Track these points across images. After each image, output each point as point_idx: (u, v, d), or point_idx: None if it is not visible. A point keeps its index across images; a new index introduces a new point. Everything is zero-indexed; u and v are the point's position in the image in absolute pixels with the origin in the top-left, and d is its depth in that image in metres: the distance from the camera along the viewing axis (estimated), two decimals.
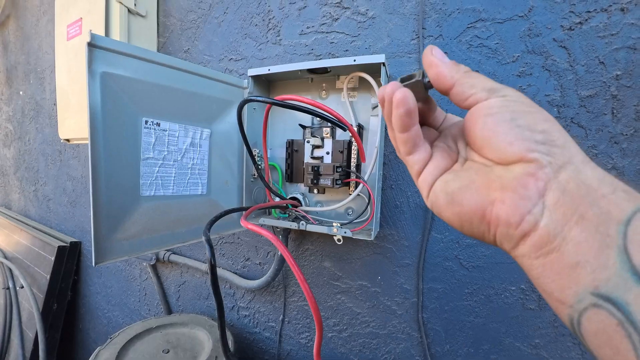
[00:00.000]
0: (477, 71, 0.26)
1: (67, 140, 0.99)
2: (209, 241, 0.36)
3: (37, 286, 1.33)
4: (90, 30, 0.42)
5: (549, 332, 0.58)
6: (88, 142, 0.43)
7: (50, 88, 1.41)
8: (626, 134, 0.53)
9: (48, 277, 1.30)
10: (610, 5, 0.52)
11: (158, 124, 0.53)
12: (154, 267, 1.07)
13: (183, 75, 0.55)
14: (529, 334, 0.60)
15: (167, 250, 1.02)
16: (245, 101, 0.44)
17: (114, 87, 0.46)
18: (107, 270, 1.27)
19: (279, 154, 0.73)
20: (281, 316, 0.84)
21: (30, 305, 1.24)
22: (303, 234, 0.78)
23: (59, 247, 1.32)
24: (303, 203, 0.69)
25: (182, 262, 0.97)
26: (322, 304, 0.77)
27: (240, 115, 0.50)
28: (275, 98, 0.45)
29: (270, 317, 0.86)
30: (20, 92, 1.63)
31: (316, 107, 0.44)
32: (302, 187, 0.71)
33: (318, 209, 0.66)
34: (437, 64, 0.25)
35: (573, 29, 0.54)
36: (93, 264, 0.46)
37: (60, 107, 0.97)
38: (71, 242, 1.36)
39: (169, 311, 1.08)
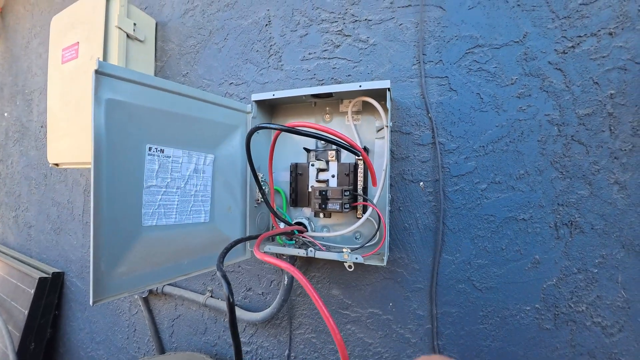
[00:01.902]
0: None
1: (56, 164, 0.96)
2: (225, 277, 0.34)
3: (14, 323, 1.23)
4: (98, 58, 0.42)
5: (567, 352, 0.57)
6: (91, 170, 0.42)
7: (39, 110, 1.38)
8: (625, 149, 0.55)
9: (26, 312, 1.21)
10: (599, 30, 0.56)
11: (162, 151, 0.52)
12: (146, 300, 1.02)
13: (187, 100, 0.55)
14: (547, 356, 0.58)
15: None
16: (257, 128, 0.44)
17: (119, 114, 0.45)
18: None
19: (282, 178, 0.72)
20: (287, 351, 0.80)
21: (4, 345, 1.14)
22: (309, 261, 0.76)
23: (39, 278, 1.24)
24: (309, 228, 0.68)
25: (177, 293, 0.93)
26: (331, 336, 0.74)
27: (249, 142, 0.49)
28: (285, 124, 0.45)
29: (275, 352, 0.82)
30: (5, 114, 1.60)
31: (328, 133, 0.44)
32: (306, 211, 0.70)
33: (325, 234, 0.64)
34: None
35: (566, 52, 0.57)
36: (91, 303, 0.42)
37: (51, 130, 0.94)
38: (53, 273, 1.29)
39: (162, 349, 1.01)
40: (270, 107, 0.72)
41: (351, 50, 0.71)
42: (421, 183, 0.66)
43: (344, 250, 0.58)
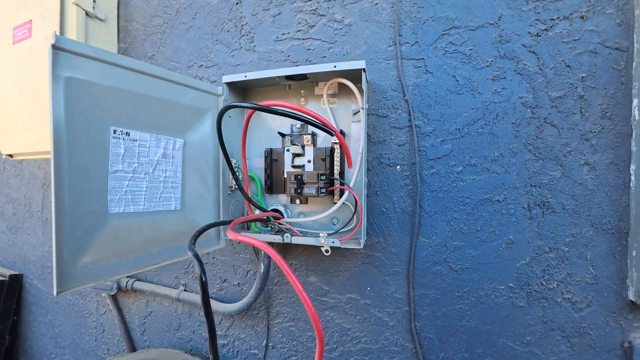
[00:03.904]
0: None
1: (10, 155, 0.94)
2: (196, 256, 0.36)
3: None
4: (55, 32, 0.42)
5: (539, 329, 0.63)
6: (51, 154, 0.43)
7: None
8: (595, 132, 0.60)
9: None
10: (571, 14, 0.60)
11: (127, 134, 0.53)
12: (114, 298, 1.02)
13: (155, 81, 0.56)
14: (520, 332, 0.64)
15: (131, 277, 0.97)
16: (228, 107, 0.46)
17: (80, 94, 0.46)
18: (55, 306, 1.18)
19: (256, 164, 0.74)
20: (264, 341, 0.83)
21: None
22: (286, 248, 0.79)
23: None
24: (285, 215, 0.71)
25: (148, 289, 0.94)
26: (309, 323, 0.77)
27: (220, 123, 0.51)
28: (259, 104, 0.47)
29: (252, 343, 0.85)
30: None
31: (301, 112, 0.46)
32: (282, 198, 0.73)
33: (302, 220, 0.67)
34: None
35: (540, 35, 0.62)
36: (54, 293, 0.44)
37: (3, 118, 0.92)
38: (11, 276, 1.26)
39: (133, 349, 1.02)
40: (242, 91, 0.74)
41: (326, 31, 0.74)
42: (398, 166, 0.69)
43: (321, 234, 0.61)
